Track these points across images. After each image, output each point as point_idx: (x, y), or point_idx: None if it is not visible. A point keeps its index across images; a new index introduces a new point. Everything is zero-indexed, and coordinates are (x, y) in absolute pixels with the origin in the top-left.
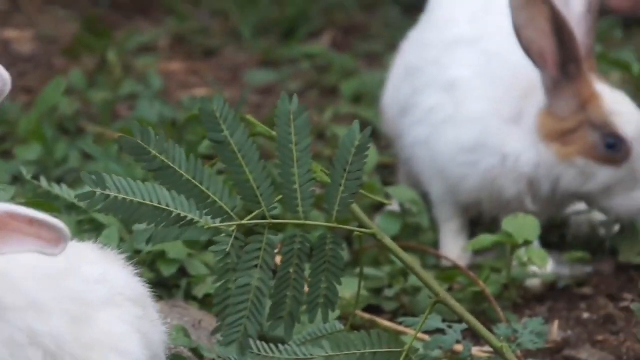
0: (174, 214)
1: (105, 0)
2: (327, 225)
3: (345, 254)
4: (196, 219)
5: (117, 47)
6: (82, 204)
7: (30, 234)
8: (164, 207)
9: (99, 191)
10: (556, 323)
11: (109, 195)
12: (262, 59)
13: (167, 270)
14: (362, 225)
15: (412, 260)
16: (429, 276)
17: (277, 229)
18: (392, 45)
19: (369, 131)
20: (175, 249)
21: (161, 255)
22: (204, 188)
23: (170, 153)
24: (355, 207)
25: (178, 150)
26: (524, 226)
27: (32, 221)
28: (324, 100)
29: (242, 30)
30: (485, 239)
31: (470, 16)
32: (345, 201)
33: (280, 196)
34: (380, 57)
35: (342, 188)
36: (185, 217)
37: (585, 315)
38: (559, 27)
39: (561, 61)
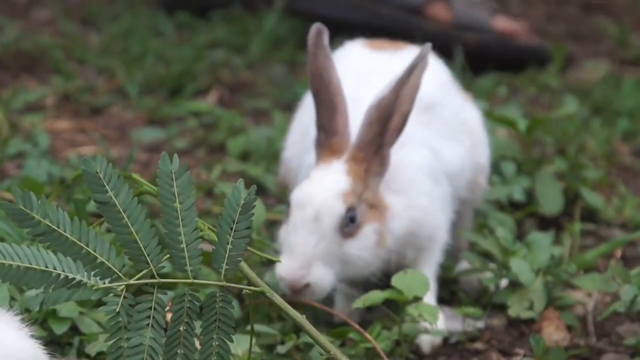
0: (62, 277)
1: None
2: (216, 284)
3: (236, 311)
4: (84, 280)
5: (3, 106)
6: None
7: None
8: (51, 270)
9: None
10: None
11: None
12: (149, 116)
13: (59, 329)
14: (251, 283)
15: (302, 318)
16: (319, 333)
17: (167, 287)
18: (278, 102)
19: (254, 189)
20: (67, 307)
21: (52, 313)
22: (90, 249)
23: (54, 216)
24: (244, 265)
25: (61, 213)
26: (413, 282)
27: None
28: (211, 157)
29: (128, 88)
30: (376, 295)
31: (356, 78)
32: (233, 259)
33: (168, 255)
34: (266, 114)
35: (229, 246)
36: (74, 279)
37: None
38: (316, 89)
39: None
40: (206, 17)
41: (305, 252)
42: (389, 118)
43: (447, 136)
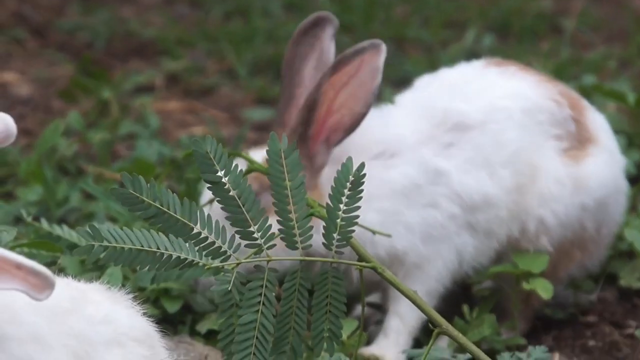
0: (173, 257)
1: (100, 42)
2: (327, 260)
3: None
4: (196, 260)
5: (114, 88)
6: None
7: (17, 276)
8: (162, 251)
9: (96, 244)
10: (557, 356)
11: (107, 246)
12: (258, 96)
13: (172, 307)
14: (362, 259)
15: (413, 292)
16: (431, 307)
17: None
18: (387, 80)
19: (363, 166)
20: (179, 286)
21: (165, 292)
22: (200, 229)
23: (164, 199)
24: (355, 241)
25: (171, 195)
26: (533, 259)
27: (19, 266)
28: None
29: (238, 68)
30: (490, 268)
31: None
32: (344, 235)
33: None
34: None
35: (340, 222)
36: (185, 259)
37: (591, 342)
38: (284, 75)
39: None
40: None
41: None
42: (313, 108)
43: (476, 163)
